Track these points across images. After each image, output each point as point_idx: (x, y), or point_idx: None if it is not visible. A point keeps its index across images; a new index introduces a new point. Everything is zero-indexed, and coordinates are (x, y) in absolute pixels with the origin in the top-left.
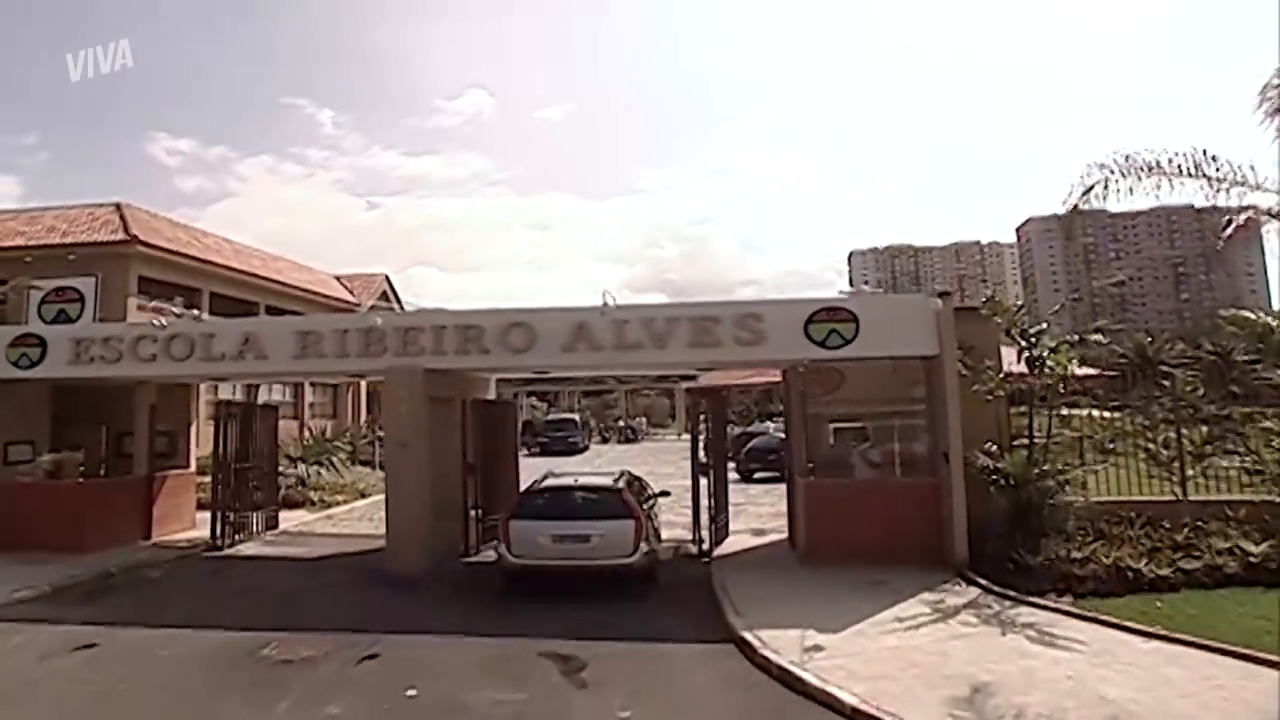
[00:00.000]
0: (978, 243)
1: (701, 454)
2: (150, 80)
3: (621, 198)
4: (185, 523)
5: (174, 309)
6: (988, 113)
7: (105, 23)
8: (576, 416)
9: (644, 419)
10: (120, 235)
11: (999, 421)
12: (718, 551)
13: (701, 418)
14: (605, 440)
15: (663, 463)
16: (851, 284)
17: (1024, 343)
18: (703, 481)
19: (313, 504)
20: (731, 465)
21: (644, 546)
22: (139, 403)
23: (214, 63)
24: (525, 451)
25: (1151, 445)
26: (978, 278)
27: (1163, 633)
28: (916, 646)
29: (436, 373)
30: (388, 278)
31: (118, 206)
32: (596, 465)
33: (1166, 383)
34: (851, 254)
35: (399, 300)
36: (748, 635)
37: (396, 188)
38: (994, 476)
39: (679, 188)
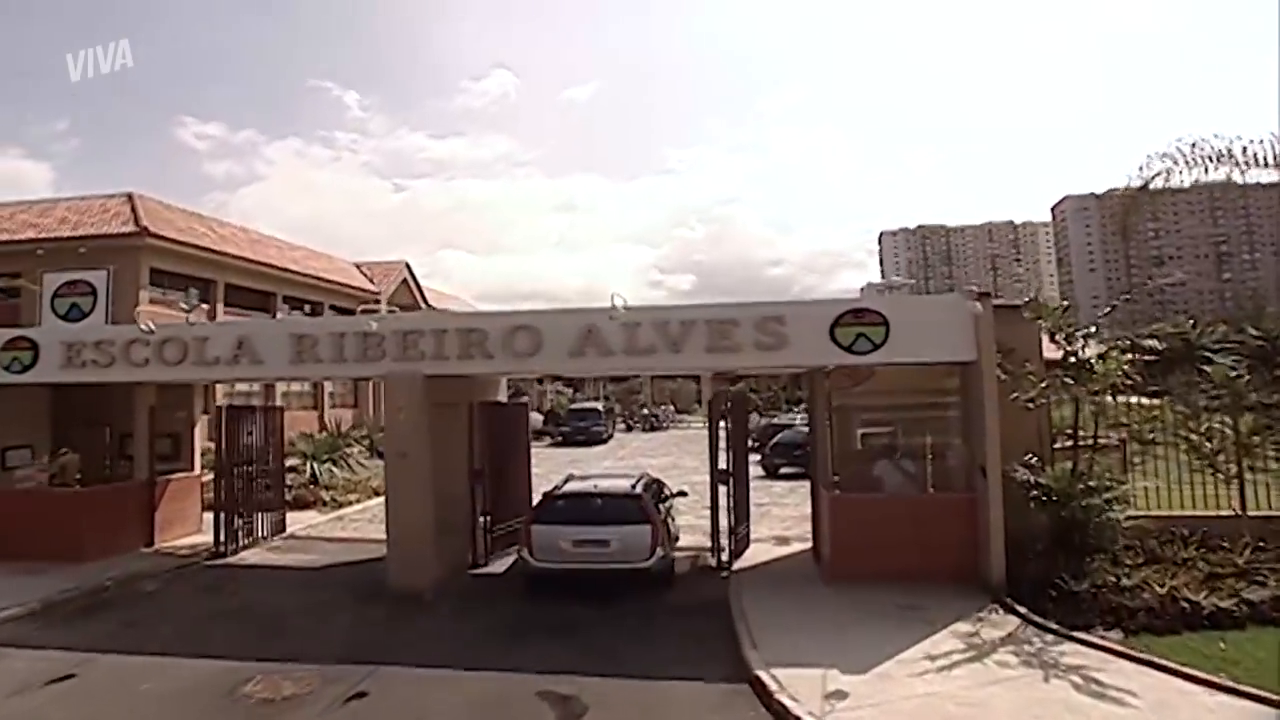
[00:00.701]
0: (1011, 222)
1: (721, 459)
2: (177, 64)
3: (650, 178)
4: (190, 526)
5: (183, 303)
6: (1023, 89)
7: (131, 7)
8: (600, 405)
9: (670, 405)
10: (130, 227)
11: (1040, 429)
12: (738, 564)
13: (723, 414)
14: (630, 428)
15: (687, 453)
16: (882, 265)
17: (1070, 347)
18: (722, 489)
19: (324, 504)
20: (755, 459)
21: (661, 551)
22: (138, 404)
23: (239, 46)
24: (547, 441)
25: (1193, 436)
26: (1011, 257)
27: (1229, 683)
28: (950, 694)
29: (440, 377)
30: (408, 265)
31: (129, 197)
32: (619, 457)
33: (1208, 368)
34: (882, 234)
35: (420, 288)
36: (764, 675)
37: (424, 170)
38: (1035, 491)
39: (707, 167)
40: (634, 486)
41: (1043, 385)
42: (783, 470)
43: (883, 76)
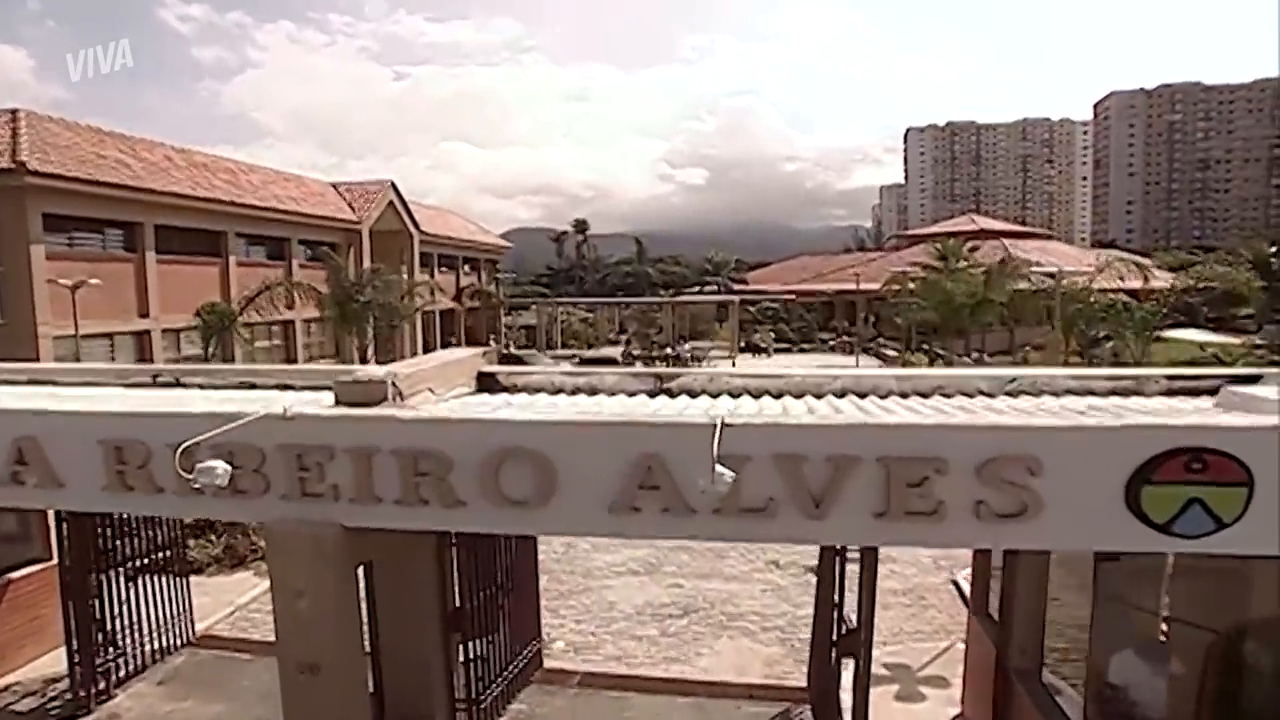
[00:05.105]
0: (1047, 119)
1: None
2: None
3: (662, 67)
4: (49, 642)
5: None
6: None
7: None
8: (618, 353)
9: (684, 341)
10: (3, 162)
11: None
12: None
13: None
14: (649, 365)
15: None
16: (906, 164)
17: None
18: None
19: (263, 558)
20: None
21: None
22: None
23: None
24: None
25: None
26: (1043, 158)
27: None
28: None
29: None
30: (394, 185)
31: (13, 115)
32: None
33: None
34: (908, 131)
35: (409, 210)
36: None
37: (424, 56)
38: None
39: (722, 55)
40: None
41: None
42: None
43: None
